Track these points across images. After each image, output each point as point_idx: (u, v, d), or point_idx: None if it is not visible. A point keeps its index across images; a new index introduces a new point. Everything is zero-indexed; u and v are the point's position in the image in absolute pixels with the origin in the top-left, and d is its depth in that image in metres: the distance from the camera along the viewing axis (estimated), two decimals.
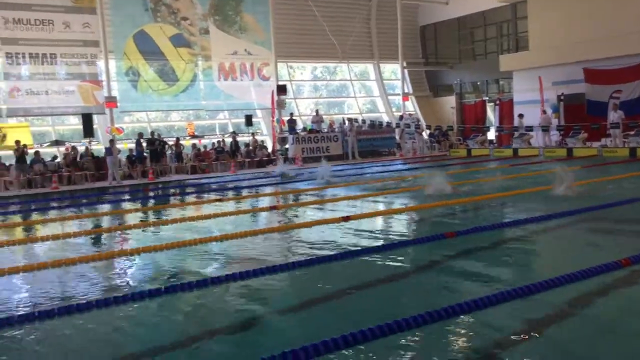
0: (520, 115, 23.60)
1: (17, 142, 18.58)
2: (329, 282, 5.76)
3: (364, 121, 26.56)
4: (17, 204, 15.55)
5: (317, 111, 25.96)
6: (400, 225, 9.11)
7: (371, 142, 24.76)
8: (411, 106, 31.25)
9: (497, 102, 27.02)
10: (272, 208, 11.21)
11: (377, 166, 20.26)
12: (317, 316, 4.84)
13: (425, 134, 27.00)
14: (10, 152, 19.05)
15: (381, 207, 10.27)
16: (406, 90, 30.04)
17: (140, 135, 21.24)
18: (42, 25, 21.98)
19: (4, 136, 20.82)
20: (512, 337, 4.07)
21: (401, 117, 27.51)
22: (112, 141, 19.53)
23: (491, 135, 26.60)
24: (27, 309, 5.22)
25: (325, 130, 24.92)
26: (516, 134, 23.63)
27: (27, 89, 21.90)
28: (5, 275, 6.58)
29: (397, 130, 26.10)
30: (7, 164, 19.21)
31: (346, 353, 3.84)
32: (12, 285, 6.32)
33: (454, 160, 22.16)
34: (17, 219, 12.70)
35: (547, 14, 24.06)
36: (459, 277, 5.68)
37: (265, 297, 5.41)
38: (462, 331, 4.25)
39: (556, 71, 23.39)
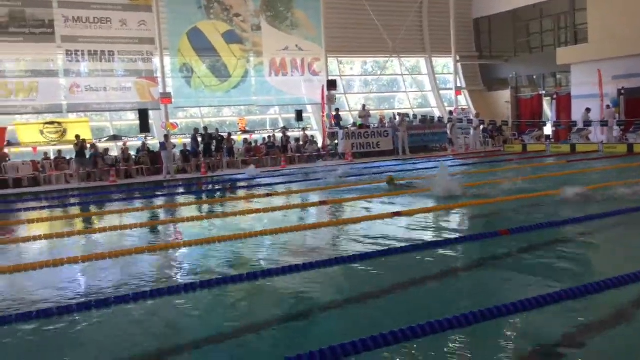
0: (588, 110, 22.65)
1: (77, 136, 19.28)
2: (379, 278, 5.71)
3: (414, 116, 26.23)
4: (77, 196, 16.13)
5: (363, 106, 25.82)
6: (454, 222, 8.95)
7: (422, 137, 24.43)
8: (464, 101, 30.67)
9: (554, 96, 26.17)
10: (321, 203, 11.21)
11: (428, 162, 19.98)
12: (367, 311, 4.80)
13: (478, 129, 26.44)
14: (71, 147, 19.79)
15: (432, 203, 10.11)
16: (459, 85, 29.48)
17: (196, 130, 21.74)
18: (100, 23, 22.70)
19: (65, 131, 21.63)
20: (567, 339, 3.92)
21: (451, 113, 27.05)
22: (166, 136, 20.04)
23: (548, 130, 25.82)
24: (85, 297, 5.40)
25: (374, 125, 24.74)
26: (574, 129, 22.84)
27: (86, 85, 22.66)
28: (65, 264, 6.83)
29: (448, 125, 25.65)
30: (68, 158, 19.96)
31: (394, 349, 3.79)
32: (71, 274, 6.55)
33: (508, 155, 21.63)
34: (77, 210, 13.18)
35: (607, 5, 23.11)
36: (513, 275, 5.53)
37: (315, 290, 5.41)
38: (515, 331, 4.14)
39: (617, 64, 22.44)
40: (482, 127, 26.38)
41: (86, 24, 22.43)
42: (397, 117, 24.83)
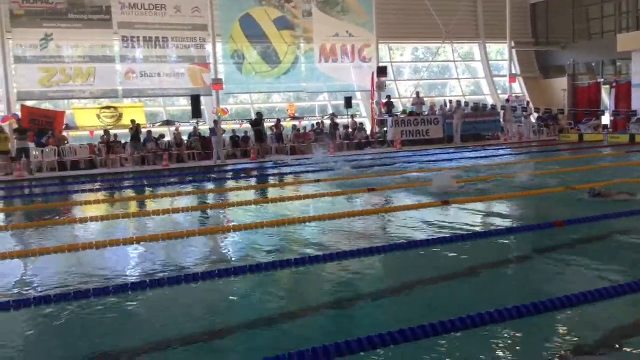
0: None
1: (133, 121, 19.82)
2: (426, 267, 5.65)
3: (466, 103, 25.72)
4: (131, 179, 16.60)
5: (417, 93, 25.47)
6: (507, 211, 8.75)
7: (474, 125, 23.92)
8: (518, 88, 29.84)
9: (614, 84, 25.14)
10: (369, 190, 11.15)
11: (482, 150, 19.59)
12: (411, 301, 4.77)
13: (533, 118, 25.73)
14: (126, 131, 20.36)
15: (485, 192, 9.92)
16: (513, 72, 28.69)
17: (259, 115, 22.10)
18: (155, 10, 23.13)
19: (121, 116, 22.25)
20: (620, 334, 3.79)
21: (507, 100, 26.37)
22: (216, 122, 20.37)
23: (605, 120, 24.86)
24: (140, 277, 5.56)
25: (426, 113, 24.40)
26: (634, 119, 21.91)
27: (141, 71, 23.19)
28: (120, 245, 7.05)
29: (502, 113, 25.03)
30: (123, 142, 20.54)
31: (438, 342, 3.74)
32: (126, 255, 6.76)
33: (564, 145, 20.98)
34: (131, 193, 13.58)
35: None
36: (566, 267, 5.37)
37: (361, 278, 5.40)
38: (566, 325, 4.02)
39: None
40: (536, 115, 25.64)
41: (142, 10, 22.91)
42: (449, 105, 24.43)
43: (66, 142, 20.23)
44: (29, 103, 21.06)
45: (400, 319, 4.07)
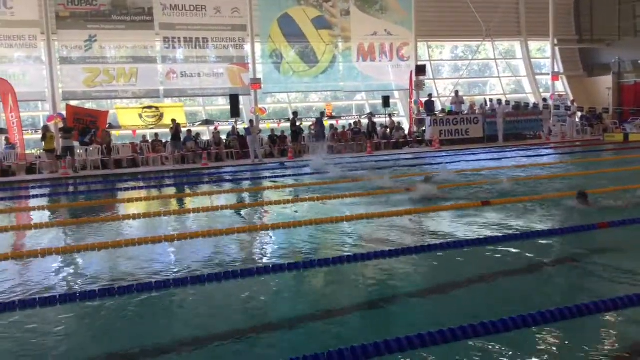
0: None
1: (173, 120, 20.17)
2: (463, 268, 5.57)
3: (507, 102, 25.26)
4: (172, 177, 16.88)
5: (456, 92, 25.15)
6: (548, 212, 8.55)
7: (515, 124, 23.44)
8: (561, 86, 29.16)
9: None
10: (407, 190, 11.06)
11: (524, 150, 19.22)
12: (446, 302, 4.70)
13: (576, 117, 25.09)
14: (167, 130, 20.73)
15: (526, 192, 9.72)
16: (556, 70, 28.05)
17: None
18: (196, 11, 23.49)
19: (162, 115, 22.66)
20: None
21: (545, 99, 25.80)
22: (251, 121, 20.62)
23: None
24: (182, 273, 5.64)
25: (465, 112, 24.07)
26: None
27: (181, 71, 23.58)
28: (161, 242, 7.18)
29: (544, 112, 24.48)
30: (164, 141, 20.92)
31: (472, 344, 3.69)
32: (167, 251, 6.87)
33: (608, 145, 20.40)
34: (172, 191, 13.81)
35: None
36: (609, 271, 5.21)
37: (397, 278, 5.37)
38: (605, 330, 3.92)
39: None
40: (580, 114, 25.00)
41: (182, 11, 23.29)
42: (490, 103, 24.06)
43: (110, 140, 20.70)
44: (73, 103, 21.64)
45: (439, 320, 4.02)
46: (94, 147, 19.68)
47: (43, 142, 18.64)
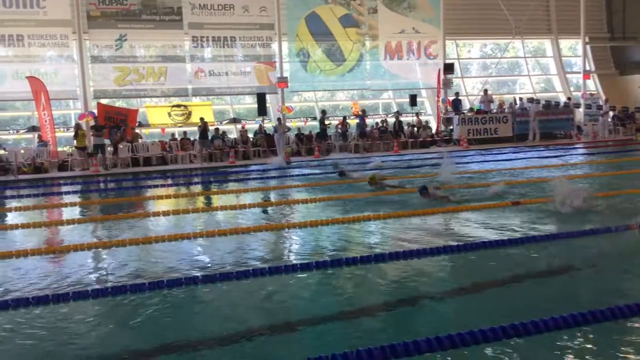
0: None
1: (201, 119, 20.37)
2: (494, 268, 5.50)
3: (537, 101, 24.87)
4: (200, 175, 17.04)
5: (485, 91, 24.86)
6: (580, 213, 8.36)
7: (545, 123, 23.05)
8: (592, 85, 28.60)
9: None
10: (435, 189, 10.95)
11: (554, 150, 18.90)
12: (477, 302, 4.65)
13: (608, 116, 24.58)
14: (195, 129, 20.94)
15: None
16: (587, 68, 27.53)
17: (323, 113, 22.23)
18: (224, 10, 23.65)
19: (190, 114, 22.89)
20: None
21: (569, 98, 25.34)
22: (279, 119, 20.70)
23: None
24: (210, 271, 5.69)
25: (494, 110, 23.78)
26: None
27: (209, 70, 23.78)
28: (190, 239, 7.25)
29: (575, 111, 24.03)
30: (192, 139, 21.13)
31: (503, 345, 3.63)
32: (196, 248, 6.93)
33: None
34: (200, 189, 13.94)
35: None
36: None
37: (426, 278, 5.32)
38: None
39: None
40: (611, 113, 24.49)
41: (211, 10, 23.48)
42: (519, 102, 23.74)
43: (140, 138, 21.00)
44: (104, 101, 21.99)
45: (467, 321, 3.98)
46: (123, 145, 19.97)
47: (75, 140, 18.99)
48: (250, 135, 22.08)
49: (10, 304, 4.73)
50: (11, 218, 9.79)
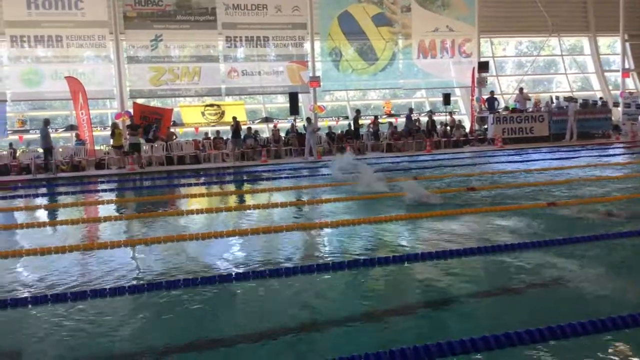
0: None
1: (234, 118, 20.56)
2: (527, 270, 5.39)
3: (576, 100, 24.35)
4: (232, 174, 17.20)
5: (520, 89, 24.44)
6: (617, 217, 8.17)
7: (583, 123, 22.55)
8: (632, 83, 27.86)
9: None
10: (469, 189, 10.84)
11: (592, 149, 18.49)
12: (509, 304, 4.57)
13: None
14: (228, 128, 21.14)
15: (596, 193, 9.35)
16: (627, 66, 26.83)
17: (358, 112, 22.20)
18: (257, 10, 23.83)
19: (223, 113, 23.14)
20: None
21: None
22: (309, 119, 20.76)
23: None
24: (242, 268, 5.74)
25: (530, 109, 23.38)
26: None
27: (242, 69, 23.99)
28: (223, 237, 7.32)
29: (614, 110, 23.45)
30: (225, 138, 21.34)
31: (537, 349, 3.57)
32: (229, 246, 7.00)
33: None
34: (232, 187, 14.07)
35: None
36: None
37: (459, 278, 5.26)
38: None
39: None
40: None
41: (244, 10, 23.68)
42: (556, 101, 23.29)
43: (175, 137, 21.31)
44: (139, 101, 22.38)
45: (500, 323, 3.93)
46: (159, 144, 20.30)
47: (112, 139, 19.38)
48: (282, 135, 22.19)
49: (49, 298, 4.85)
50: (50, 215, 10.04)
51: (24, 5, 21.43)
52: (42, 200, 12.58)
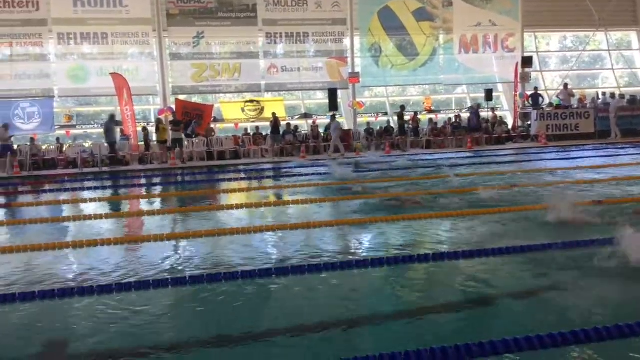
0: None
1: (273, 114, 20.69)
2: (569, 269, 5.23)
3: (622, 96, 23.63)
4: (270, 169, 17.32)
5: (565, 85, 23.84)
6: None
7: (630, 120, 21.86)
8: None
9: None
10: (512, 186, 10.63)
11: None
12: (552, 304, 4.45)
13: None
14: (267, 124, 21.30)
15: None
16: None
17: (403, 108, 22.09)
18: (297, 6, 23.90)
19: (262, 109, 23.32)
20: None
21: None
22: (333, 116, 20.72)
23: None
24: (282, 263, 5.76)
25: (575, 106, 22.78)
26: None
27: (282, 66, 24.11)
28: (263, 232, 7.38)
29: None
30: (264, 134, 21.51)
31: (582, 351, 3.48)
32: (269, 241, 7.05)
33: None
34: (271, 183, 14.17)
35: None
36: None
37: (498, 277, 5.15)
38: None
39: None
40: None
41: (285, 7, 23.78)
42: (602, 97, 22.64)
43: (214, 133, 21.60)
44: (181, 97, 22.74)
45: (533, 324, 3.84)
46: (199, 140, 20.61)
47: (156, 134, 19.75)
48: (321, 131, 22.21)
49: (95, 289, 4.98)
50: (95, 208, 10.31)
51: (70, 3, 22.03)
52: (88, 194, 12.93)
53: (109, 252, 6.58)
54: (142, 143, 20.59)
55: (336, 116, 21.17)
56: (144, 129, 21.23)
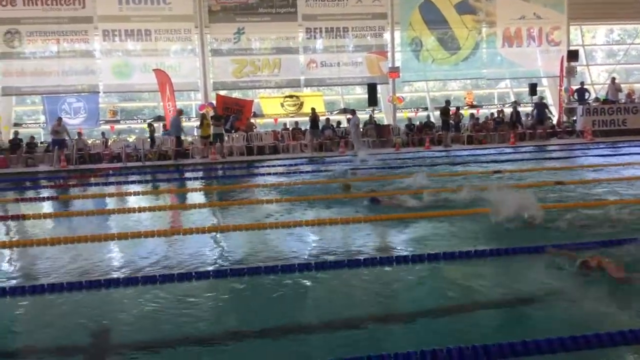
0: None
1: (312, 109, 20.73)
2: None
3: None
4: (309, 164, 17.34)
5: (612, 79, 23.10)
6: None
7: None
8: None
9: None
10: (558, 183, 10.37)
11: None
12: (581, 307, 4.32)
13: None
14: (306, 119, 21.34)
15: None
16: None
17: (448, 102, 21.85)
18: (337, 1, 23.84)
19: (302, 104, 23.39)
20: None
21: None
22: (353, 111, 20.58)
23: None
24: (320, 258, 5.77)
25: (623, 100, 22.06)
26: None
27: (321, 61, 24.11)
28: (302, 226, 7.40)
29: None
30: (303, 129, 21.56)
31: (616, 352, 3.37)
32: (307, 236, 7.07)
33: None
34: (309, 177, 14.17)
35: None
36: None
37: (532, 277, 5.00)
38: None
39: None
40: None
41: (325, 2, 23.76)
42: None
43: (254, 127, 21.78)
44: (221, 92, 23.00)
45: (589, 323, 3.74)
46: (239, 134, 20.81)
47: (200, 129, 20.03)
48: (361, 126, 22.11)
49: (140, 280, 5.10)
50: (138, 201, 10.53)
51: (115, 1, 22.52)
52: (132, 187, 13.21)
53: (153, 243, 6.72)
54: (149, 139, 20.71)
55: (355, 112, 20.92)
56: (150, 125, 21.52)
